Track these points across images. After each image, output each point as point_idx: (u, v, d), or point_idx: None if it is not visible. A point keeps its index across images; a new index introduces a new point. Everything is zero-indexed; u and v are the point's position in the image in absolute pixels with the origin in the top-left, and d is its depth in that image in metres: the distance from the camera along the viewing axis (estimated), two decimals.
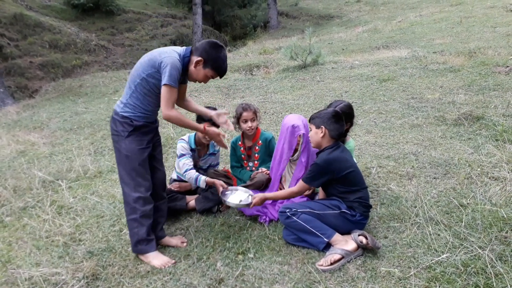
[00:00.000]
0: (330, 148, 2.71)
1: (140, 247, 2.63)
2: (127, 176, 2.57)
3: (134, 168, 2.56)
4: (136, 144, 2.54)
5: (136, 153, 2.54)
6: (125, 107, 2.51)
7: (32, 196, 3.77)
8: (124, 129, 2.51)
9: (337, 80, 6.98)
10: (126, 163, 2.56)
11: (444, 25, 11.29)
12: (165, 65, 2.38)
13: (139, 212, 2.58)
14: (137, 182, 2.57)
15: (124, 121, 2.51)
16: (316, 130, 2.74)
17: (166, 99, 2.41)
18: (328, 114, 2.73)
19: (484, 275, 2.18)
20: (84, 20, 19.54)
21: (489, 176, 3.26)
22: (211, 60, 2.49)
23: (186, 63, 2.51)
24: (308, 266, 2.45)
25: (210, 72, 2.53)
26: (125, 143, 2.52)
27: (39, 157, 4.92)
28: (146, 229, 2.62)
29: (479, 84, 5.56)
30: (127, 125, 2.51)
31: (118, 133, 2.54)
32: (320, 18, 21.68)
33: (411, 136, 4.31)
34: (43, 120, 6.92)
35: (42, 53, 14.91)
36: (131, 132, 2.51)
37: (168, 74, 2.36)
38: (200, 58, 2.48)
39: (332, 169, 2.63)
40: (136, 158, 2.55)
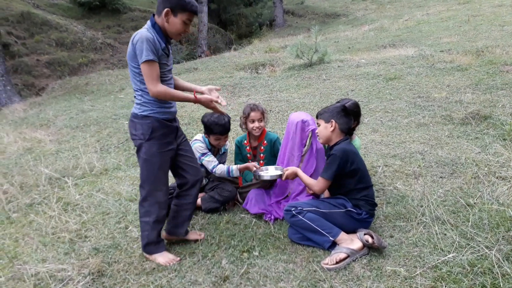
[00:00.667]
0: (344, 140, 2.72)
1: (149, 248, 2.63)
2: (145, 180, 2.54)
3: (153, 173, 2.51)
4: (156, 148, 2.47)
5: (156, 156, 2.48)
6: (142, 107, 2.43)
7: (39, 193, 3.79)
8: (144, 132, 2.43)
9: (343, 79, 6.95)
10: (144, 167, 2.51)
11: (451, 23, 11.20)
12: (135, 43, 2.26)
13: (153, 217, 2.57)
14: (154, 187, 2.54)
15: (143, 122, 2.42)
16: (325, 124, 2.73)
17: (148, 75, 2.28)
18: (337, 108, 2.73)
19: (491, 275, 2.16)
20: (91, 18, 19.62)
21: (497, 175, 3.23)
22: (176, 4, 2.29)
23: (158, 29, 2.35)
24: (313, 264, 2.45)
25: (183, 16, 2.32)
26: (145, 146, 2.46)
27: (45, 154, 4.95)
28: (156, 233, 2.62)
29: (486, 83, 5.52)
30: (147, 127, 2.43)
31: (137, 137, 2.47)
32: (326, 17, 21.61)
33: (418, 135, 4.28)
34: (49, 117, 6.96)
35: (49, 51, 14.99)
36: (151, 135, 2.44)
37: (143, 49, 2.22)
38: (166, 10, 2.29)
39: (348, 160, 2.61)
40: (156, 162, 2.49)
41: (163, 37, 2.37)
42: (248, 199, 3.27)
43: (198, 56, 15.67)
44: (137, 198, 3.53)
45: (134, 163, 4.42)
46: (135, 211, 3.30)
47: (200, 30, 17.09)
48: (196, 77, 8.91)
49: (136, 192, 3.64)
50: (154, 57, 2.27)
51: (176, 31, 2.37)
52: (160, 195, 2.57)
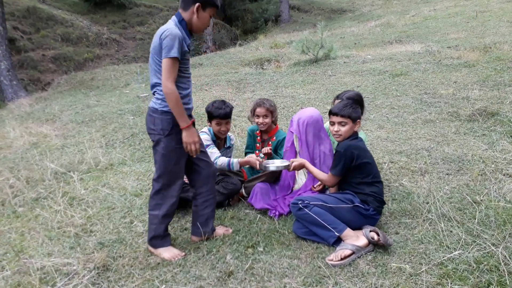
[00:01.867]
0: (349, 138, 2.74)
1: (155, 242, 2.64)
2: (161, 174, 2.54)
3: (170, 167, 2.52)
4: (175, 143, 2.48)
5: (174, 151, 2.49)
6: (164, 102, 2.42)
7: (45, 187, 3.81)
8: (164, 127, 2.44)
9: (349, 75, 6.91)
10: (162, 161, 2.51)
11: (459, 19, 11.10)
12: (165, 38, 2.29)
13: (163, 211, 2.57)
14: (169, 182, 2.55)
15: (164, 118, 2.43)
16: (353, 124, 2.74)
17: (168, 71, 2.29)
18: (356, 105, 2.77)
19: (497, 272, 2.15)
20: (96, 13, 19.65)
21: (504, 172, 3.20)
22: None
23: (185, 25, 2.42)
24: (317, 261, 2.44)
25: (211, 11, 2.43)
26: (164, 141, 2.47)
27: (51, 149, 4.97)
28: (164, 227, 2.63)
29: (494, 79, 5.46)
30: (167, 123, 2.44)
31: (157, 132, 2.47)
32: (332, 12, 21.48)
33: (424, 131, 4.25)
34: (55, 112, 6.98)
35: (55, 46, 15.05)
36: (171, 130, 2.45)
37: (172, 46, 2.26)
38: (197, 4, 2.35)
39: (352, 155, 2.62)
40: (174, 157, 2.50)
41: (188, 33, 2.44)
42: (253, 193, 3.27)
43: (203, 52, 15.65)
44: (142, 193, 3.54)
45: (139, 158, 4.43)
46: (140, 206, 3.31)
47: None
48: (201, 72, 8.90)
49: (141, 187, 3.65)
50: (179, 55, 2.31)
51: (203, 26, 2.46)
52: (173, 190, 2.58)
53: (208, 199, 2.74)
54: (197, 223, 2.75)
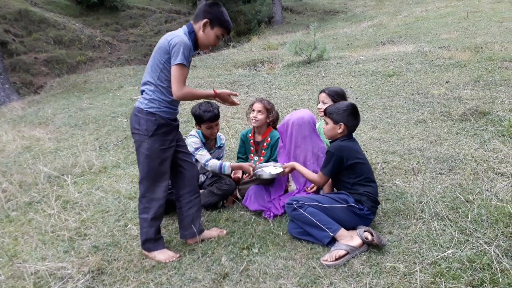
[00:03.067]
0: (342, 138, 2.75)
1: (148, 245, 2.63)
2: (145, 176, 2.55)
3: (153, 169, 2.52)
4: (159, 144, 2.49)
5: (157, 153, 2.50)
6: (150, 103, 2.45)
7: (38, 191, 3.79)
8: (148, 128, 2.45)
9: (342, 76, 6.94)
10: (145, 162, 2.52)
11: (450, 20, 11.20)
12: (174, 45, 2.33)
13: (151, 213, 2.57)
14: (154, 183, 2.55)
15: (149, 119, 2.45)
16: (334, 125, 2.75)
17: (178, 78, 2.34)
18: (348, 110, 2.74)
19: (490, 271, 2.17)
20: (89, 16, 19.58)
21: (495, 171, 3.24)
22: (216, 18, 2.44)
23: (193, 38, 2.47)
24: (312, 261, 2.45)
25: (219, 31, 2.47)
26: (147, 142, 2.47)
27: (44, 152, 4.95)
28: (155, 230, 2.62)
29: (485, 79, 5.52)
30: (151, 123, 2.45)
31: (141, 132, 2.48)
32: (325, 13, 21.57)
33: (417, 131, 4.28)
34: (48, 115, 6.95)
35: (47, 49, 14.97)
36: (155, 132, 2.46)
37: (181, 53, 2.31)
38: (205, 20, 2.42)
39: (343, 155, 2.64)
40: (157, 158, 2.51)
41: (194, 44, 2.48)
42: (247, 195, 3.28)
43: (197, 54, 15.62)
44: (136, 196, 3.53)
45: (133, 160, 4.42)
46: (134, 209, 3.30)
47: None
48: (194, 74, 8.90)
49: (136, 190, 3.64)
50: (186, 62, 2.36)
51: (208, 42, 2.50)
52: (159, 192, 2.57)
53: (192, 199, 2.73)
54: (184, 225, 2.74)
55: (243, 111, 5.48)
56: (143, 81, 2.52)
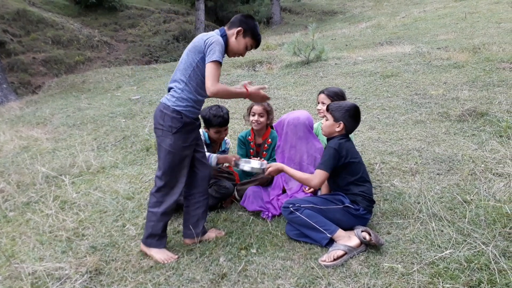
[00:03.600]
0: (339, 136, 2.74)
1: (151, 240, 2.63)
2: (165, 171, 2.56)
3: (173, 165, 2.55)
4: (181, 141, 2.53)
5: (179, 150, 2.53)
6: (178, 101, 2.49)
7: (36, 191, 3.78)
8: (173, 125, 2.49)
9: (340, 76, 6.95)
10: (167, 158, 2.54)
11: (448, 20, 11.22)
12: (210, 44, 2.40)
13: (163, 208, 2.58)
14: (171, 179, 2.57)
15: (174, 116, 2.49)
16: (333, 122, 2.75)
17: (213, 75, 2.37)
18: (350, 112, 2.73)
19: (487, 271, 2.17)
20: (87, 16, 19.55)
21: (493, 172, 3.24)
22: (250, 29, 2.54)
23: (225, 41, 2.53)
24: (310, 261, 2.45)
25: (250, 41, 2.57)
26: (171, 139, 2.51)
27: (42, 152, 4.94)
28: (162, 225, 2.63)
29: (483, 80, 5.53)
30: (177, 121, 2.49)
31: (165, 128, 2.51)
32: (323, 14, 21.60)
33: (415, 132, 4.29)
34: (46, 115, 6.93)
35: (45, 49, 14.93)
36: (179, 129, 2.50)
37: (217, 51, 2.37)
38: (240, 28, 2.51)
39: (342, 153, 2.63)
40: (178, 155, 2.54)
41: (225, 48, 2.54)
42: (245, 196, 3.28)
43: None
44: (134, 196, 3.53)
45: (131, 161, 4.41)
46: (132, 209, 3.30)
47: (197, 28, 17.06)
48: None
49: (133, 190, 3.64)
50: (221, 60, 2.41)
51: (237, 50, 2.58)
52: (175, 188, 2.60)
53: (200, 200, 2.75)
54: (189, 224, 2.75)
55: (241, 111, 5.48)
56: (173, 78, 2.57)
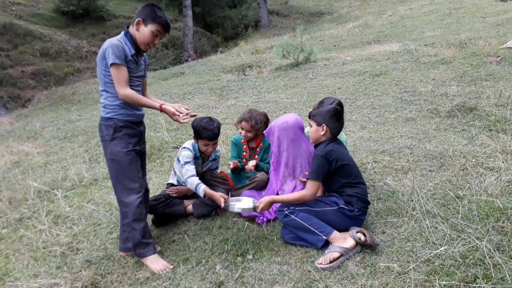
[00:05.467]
0: (326, 141, 2.75)
1: (139, 251, 2.63)
2: (115, 181, 2.61)
3: (121, 172, 2.57)
4: (121, 147, 2.56)
5: (122, 156, 2.55)
6: (105, 109, 2.57)
7: (28, 207, 3.75)
8: (107, 133, 2.55)
9: (330, 77, 6.98)
10: (112, 167, 2.59)
11: (434, 17, 11.33)
12: (105, 49, 2.44)
13: (130, 216, 2.58)
14: (124, 186, 2.58)
15: (107, 124, 2.56)
16: (317, 127, 2.76)
17: (117, 78, 2.45)
18: (330, 113, 2.74)
19: (482, 266, 2.19)
20: (75, 27, 19.43)
21: (484, 166, 3.27)
22: (148, 15, 2.51)
23: (130, 37, 2.55)
24: (307, 265, 2.45)
25: (153, 27, 2.52)
26: (110, 147, 2.56)
27: (33, 167, 4.90)
28: (139, 232, 2.61)
29: (471, 75, 5.58)
30: (109, 127, 2.55)
31: (104, 138, 2.59)
32: (310, 15, 21.68)
33: (405, 129, 4.31)
34: (36, 129, 6.88)
35: (34, 62, 14.81)
36: (114, 135, 2.54)
37: (110, 53, 2.40)
38: (138, 19, 2.51)
39: (331, 158, 2.64)
40: (122, 161, 2.56)
41: (133, 45, 2.56)
42: None
43: (185, 60, 15.60)
44: None
45: None
46: None
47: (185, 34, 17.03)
48: (183, 81, 8.88)
49: None
50: (120, 61, 2.44)
51: (144, 40, 2.55)
52: (132, 194, 2.58)
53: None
54: (122, 238, 2.76)
55: (233, 116, 5.48)
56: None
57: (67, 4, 18.94)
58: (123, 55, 2.46)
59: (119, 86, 2.45)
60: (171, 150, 4.72)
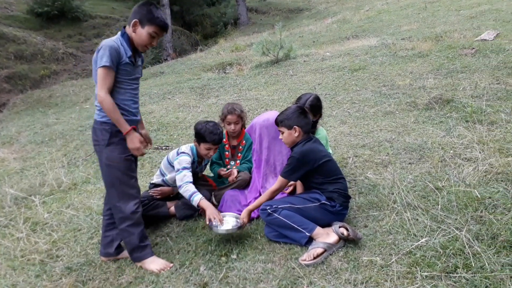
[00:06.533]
0: (302, 141, 2.75)
1: (136, 255, 2.59)
2: (110, 186, 2.54)
3: (118, 178, 2.51)
4: (118, 152, 2.48)
5: (118, 161, 2.49)
6: (102, 113, 2.46)
7: (4, 215, 3.64)
8: (103, 137, 2.46)
9: (310, 73, 7.00)
10: (108, 173, 2.51)
11: (410, 11, 11.48)
12: (99, 51, 2.36)
13: (128, 221, 2.54)
14: (121, 192, 2.52)
15: (102, 128, 2.46)
16: (289, 131, 2.75)
17: (101, 80, 2.34)
18: (295, 112, 2.75)
19: (462, 256, 2.22)
20: (50, 28, 18.99)
21: (462, 157, 3.33)
22: (144, 16, 2.40)
23: (127, 38, 2.46)
24: (291, 262, 2.45)
25: (150, 29, 2.41)
26: (106, 152, 2.47)
27: (9, 173, 4.76)
28: (136, 236, 2.57)
29: (447, 67, 5.68)
30: (106, 132, 2.46)
31: (99, 142, 2.49)
32: (289, 12, 21.74)
33: (385, 123, 4.36)
34: (12, 134, 6.70)
35: (8, 65, 14.41)
36: (110, 140, 2.46)
37: (104, 55, 2.31)
38: (134, 20, 2.41)
39: (308, 160, 2.66)
40: (119, 167, 2.49)
41: (130, 46, 2.46)
42: (223, 201, 3.26)
43: (164, 60, 15.44)
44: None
45: None
46: None
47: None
48: (163, 81, 8.78)
49: None
50: (111, 64, 2.34)
51: (142, 42, 2.46)
52: (130, 201, 2.54)
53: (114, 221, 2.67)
54: (104, 244, 2.72)
55: (215, 115, 5.44)
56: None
57: (41, 5, 18.49)
58: (117, 59, 2.36)
59: (101, 87, 2.33)
60: (151, 151, 4.66)
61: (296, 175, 2.73)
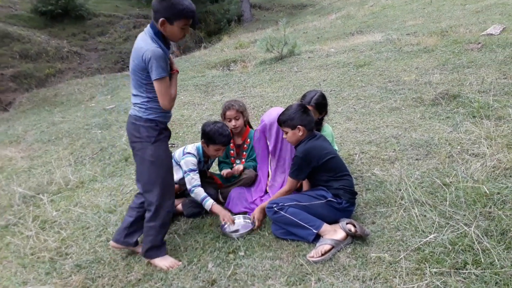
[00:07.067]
0: (306, 139, 2.75)
1: (150, 253, 2.59)
2: (153, 183, 2.50)
3: (163, 174, 2.51)
4: (162, 150, 2.50)
5: (163, 159, 2.50)
6: (148, 111, 2.42)
7: (13, 213, 3.67)
8: (150, 134, 2.44)
9: (314, 69, 6.98)
10: (152, 169, 2.48)
11: (415, 6, 11.40)
12: (148, 60, 2.26)
13: (160, 221, 2.55)
14: (161, 190, 2.51)
15: (148, 125, 2.43)
16: (293, 131, 2.75)
17: (162, 92, 2.33)
18: (298, 112, 2.74)
19: (471, 252, 2.22)
20: (54, 27, 19.07)
21: (469, 153, 3.31)
22: (170, 12, 2.27)
23: (161, 36, 2.37)
24: (299, 259, 2.45)
25: (180, 23, 2.31)
26: (151, 149, 2.45)
27: (17, 172, 4.80)
28: (161, 237, 2.61)
29: (453, 62, 5.64)
30: (153, 130, 2.44)
31: (143, 139, 2.45)
32: (293, 8, 21.67)
33: (391, 119, 4.34)
34: (19, 133, 6.74)
35: (13, 64, 14.51)
36: (158, 137, 2.46)
37: (155, 67, 2.26)
38: (162, 19, 2.27)
39: (312, 158, 2.66)
40: (162, 164, 2.50)
41: (164, 42, 2.39)
42: (230, 198, 3.27)
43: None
44: (116, 209, 3.46)
45: (110, 173, 4.33)
46: (115, 223, 3.23)
47: None
48: None
49: (115, 203, 3.56)
50: (166, 73, 2.32)
51: (175, 38, 2.40)
52: (167, 199, 2.56)
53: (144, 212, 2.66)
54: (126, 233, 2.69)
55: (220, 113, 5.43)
56: (132, 93, 2.48)
57: (45, 3, 18.57)
58: (166, 63, 2.33)
59: (165, 98, 2.34)
60: None
61: (304, 174, 2.74)
